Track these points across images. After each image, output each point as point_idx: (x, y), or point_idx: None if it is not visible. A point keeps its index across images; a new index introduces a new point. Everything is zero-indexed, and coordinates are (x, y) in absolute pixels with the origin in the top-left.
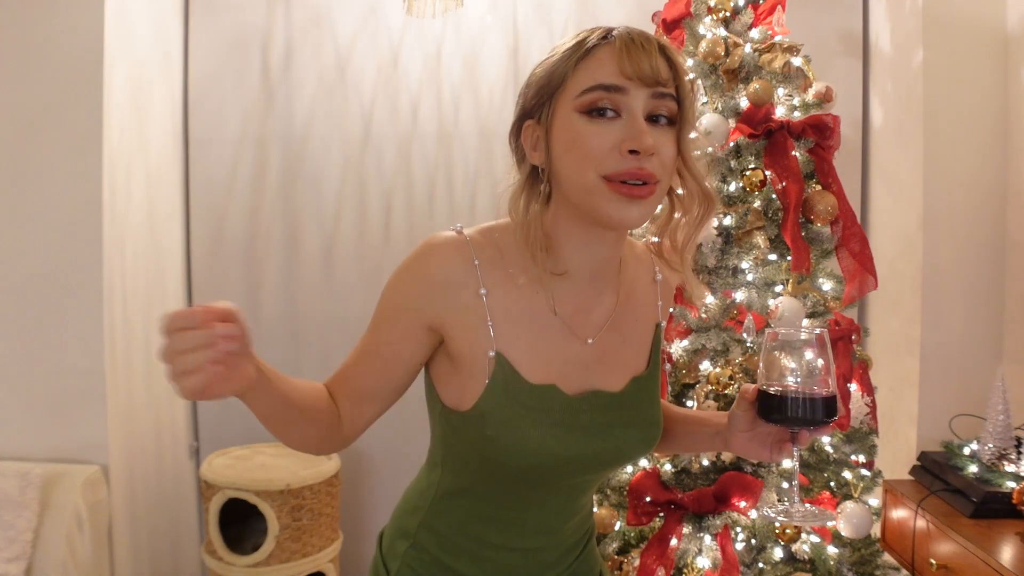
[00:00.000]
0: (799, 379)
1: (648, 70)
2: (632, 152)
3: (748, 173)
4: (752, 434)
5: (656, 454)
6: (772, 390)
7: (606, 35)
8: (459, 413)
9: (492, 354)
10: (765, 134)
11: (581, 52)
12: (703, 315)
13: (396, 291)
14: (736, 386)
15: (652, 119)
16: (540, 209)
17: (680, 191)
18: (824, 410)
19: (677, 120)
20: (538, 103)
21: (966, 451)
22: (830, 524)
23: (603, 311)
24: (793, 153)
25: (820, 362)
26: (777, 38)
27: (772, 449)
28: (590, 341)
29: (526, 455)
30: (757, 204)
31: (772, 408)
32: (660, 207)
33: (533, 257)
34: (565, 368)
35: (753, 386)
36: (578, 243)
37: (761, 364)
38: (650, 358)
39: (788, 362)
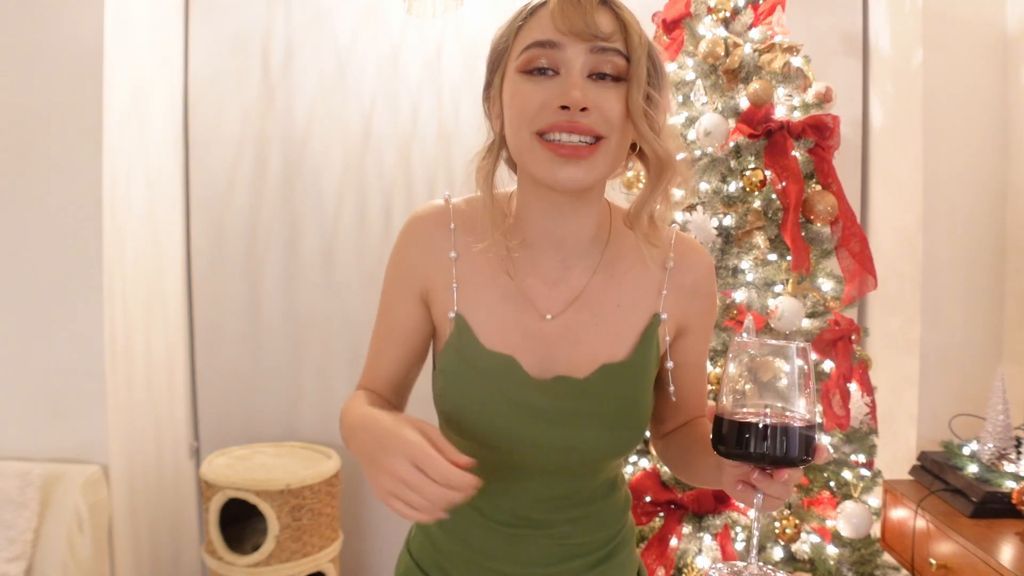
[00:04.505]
0: (766, 403)
1: (582, 24)
2: (565, 108)
3: (748, 173)
4: (742, 471)
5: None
6: (724, 414)
7: None
8: (435, 372)
9: (452, 315)
10: (765, 134)
11: (523, 16)
12: None
13: (391, 270)
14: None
15: (599, 76)
16: (492, 173)
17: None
18: (799, 446)
19: (626, 77)
20: (491, 72)
21: (966, 451)
22: None
23: (570, 288)
24: (793, 153)
25: (792, 383)
26: (777, 38)
27: (740, 488)
28: (548, 317)
29: (473, 426)
30: (757, 204)
31: (721, 437)
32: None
33: (493, 224)
34: (525, 342)
35: (713, 405)
36: (537, 211)
37: (722, 382)
38: (635, 349)
39: (750, 381)
